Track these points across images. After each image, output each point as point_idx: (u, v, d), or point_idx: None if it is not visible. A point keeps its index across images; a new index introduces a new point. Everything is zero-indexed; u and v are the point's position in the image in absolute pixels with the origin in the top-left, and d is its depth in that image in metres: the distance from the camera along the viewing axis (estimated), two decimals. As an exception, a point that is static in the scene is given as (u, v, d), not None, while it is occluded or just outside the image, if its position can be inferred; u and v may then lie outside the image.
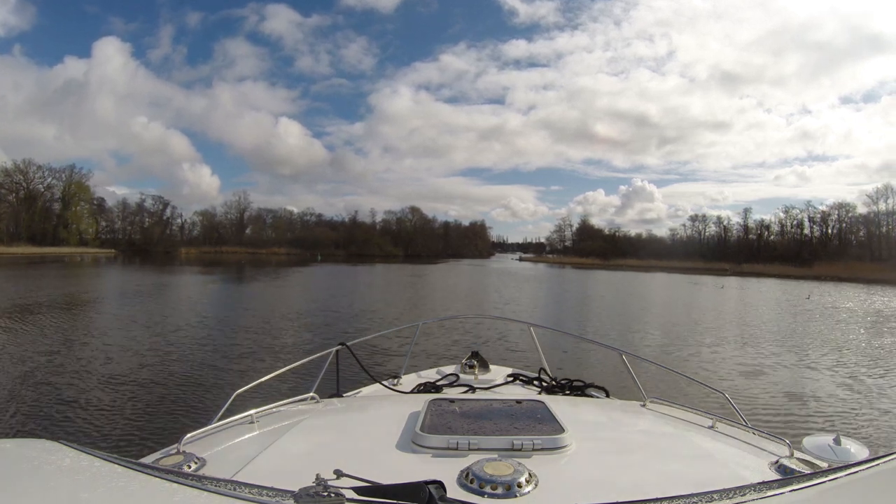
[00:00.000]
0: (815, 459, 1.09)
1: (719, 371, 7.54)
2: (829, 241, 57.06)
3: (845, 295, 24.70)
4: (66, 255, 46.74)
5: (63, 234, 57.85)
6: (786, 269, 47.36)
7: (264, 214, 70.85)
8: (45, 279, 21.14)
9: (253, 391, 1.55)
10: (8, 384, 5.72)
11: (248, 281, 24.98)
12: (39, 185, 58.77)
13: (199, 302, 15.13)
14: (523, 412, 1.24)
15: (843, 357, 8.88)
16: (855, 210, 57.18)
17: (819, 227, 59.47)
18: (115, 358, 7.17)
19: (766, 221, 63.46)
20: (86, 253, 52.42)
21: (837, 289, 28.95)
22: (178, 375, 6.32)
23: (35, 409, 4.96)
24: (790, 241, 60.12)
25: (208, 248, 62.75)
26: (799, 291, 25.71)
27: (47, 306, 12.16)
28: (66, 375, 6.15)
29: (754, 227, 64.06)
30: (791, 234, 61.15)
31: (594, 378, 2.22)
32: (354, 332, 9.42)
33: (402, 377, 2.30)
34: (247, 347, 8.23)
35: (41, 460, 0.85)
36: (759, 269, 49.38)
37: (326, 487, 0.70)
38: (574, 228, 75.93)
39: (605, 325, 12.75)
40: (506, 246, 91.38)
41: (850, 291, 27.20)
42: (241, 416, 1.34)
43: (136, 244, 60.78)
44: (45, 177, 59.05)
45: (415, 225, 75.95)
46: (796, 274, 43.39)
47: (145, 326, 9.97)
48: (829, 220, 58.97)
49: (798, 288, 28.36)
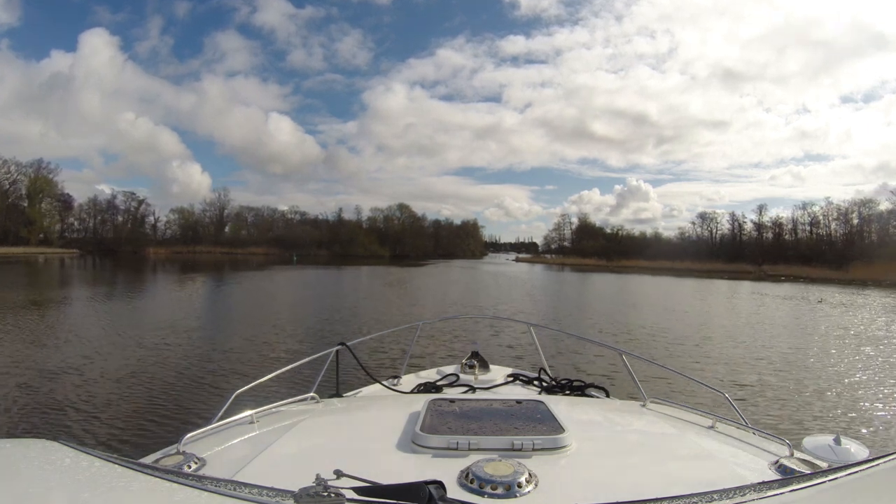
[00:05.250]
0: (815, 459, 1.09)
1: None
2: (854, 239, 51.38)
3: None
4: (18, 256, 41.49)
5: (23, 232, 53.31)
6: (818, 271, 43.11)
7: (246, 213, 67.68)
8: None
9: (253, 391, 1.55)
10: (8, 384, 5.71)
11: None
12: (5, 180, 54.59)
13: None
14: (523, 412, 1.24)
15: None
16: (877, 206, 51.91)
17: (841, 225, 54.23)
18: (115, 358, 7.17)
19: (779, 219, 59.14)
20: (44, 253, 47.97)
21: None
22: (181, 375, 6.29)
23: (35, 409, 4.95)
24: (816, 240, 54.98)
25: (181, 247, 58.88)
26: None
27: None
28: (66, 376, 6.15)
29: (771, 226, 59.50)
30: (812, 233, 56.26)
31: (594, 378, 2.23)
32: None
33: (402, 377, 2.31)
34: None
35: (41, 460, 0.85)
36: (786, 270, 44.83)
37: (326, 487, 0.70)
38: (574, 227, 73.34)
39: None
40: (498, 246, 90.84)
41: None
42: (240, 416, 1.34)
43: (104, 243, 56.87)
44: (11, 172, 55.02)
45: (403, 223, 72.78)
46: (837, 278, 38.60)
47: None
48: (850, 217, 53.82)
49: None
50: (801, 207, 57.95)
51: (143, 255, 52.91)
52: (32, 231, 55.36)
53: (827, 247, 52.40)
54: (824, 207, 56.27)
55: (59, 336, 8.72)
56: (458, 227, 77.78)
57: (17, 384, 5.71)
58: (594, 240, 67.82)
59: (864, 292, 26.43)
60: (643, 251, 60.16)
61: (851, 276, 39.75)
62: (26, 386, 5.66)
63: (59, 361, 6.83)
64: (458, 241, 75.32)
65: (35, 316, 11.09)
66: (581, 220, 73.08)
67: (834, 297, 22.88)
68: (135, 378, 6.11)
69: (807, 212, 57.32)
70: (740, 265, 50.05)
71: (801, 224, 57.73)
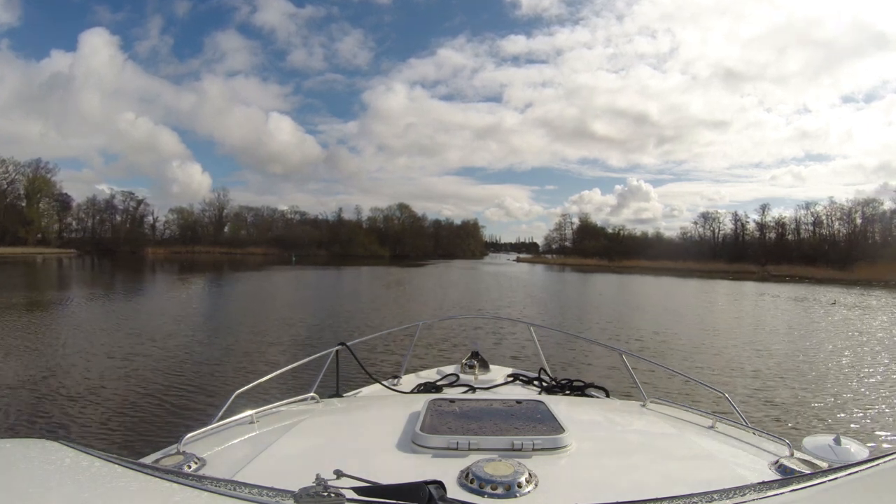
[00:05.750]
0: (815, 459, 1.09)
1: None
2: (858, 239, 50.84)
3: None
4: (16, 256, 41.36)
5: (21, 232, 53.00)
6: (823, 271, 42.53)
7: (245, 213, 67.33)
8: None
9: (253, 391, 1.55)
10: (7, 385, 5.72)
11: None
12: (3, 180, 54.37)
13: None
14: (523, 412, 1.24)
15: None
16: (881, 206, 51.57)
17: (844, 225, 53.70)
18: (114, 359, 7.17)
19: (782, 219, 58.74)
20: (42, 253, 47.66)
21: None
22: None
23: (35, 409, 4.95)
24: (819, 239, 54.33)
25: (180, 247, 58.75)
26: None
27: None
28: (65, 376, 6.15)
29: (774, 226, 59.20)
30: (815, 233, 55.75)
31: (594, 378, 2.22)
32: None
33: (402, 377, 2.31)
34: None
35: (41, 460, 0.85)
36: (790, 271, 44.11)
37: (326, 487, 0.70)
38: (575, 227, 72.81)
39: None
40: (499, 246, 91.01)
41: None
42: (241, 416, 1.34)
43: (102, 244, 56.60)
44: (9, 172, 54.74)
45: (403, 223, 72.50)
46: (841, 278, 38.23)
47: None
48: (853, 217, 53.28)
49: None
50: (805, 207, 57.65)
51: (141, 255, 52.68)
52: (30, 231, 55.19)
53: (830, 247, 51.78)
54: (827, 207, 55.85)
55: (58, 337, 8.72)
56: (459, 227, 77.72)
57: (17, 385, 5.71)
58: (596, 240, 67.60)
59: (873, 293, 25.84)
60: (645, 251, 59.83)
61: (856, 276, 39.30)
62: (26, 386, 5.66)
63: (57, 362, 6.83)
64: (459, 241, 75.09)
65: (32, 317, 11.09)
66: (582, 220, 72.99)
67: (845, 298, 22.19)
68: (134, 378, 6.11)
69: (810, 211, 57.00)
70: (743, 265, 49.64)
71: (805, 224, 57.44)
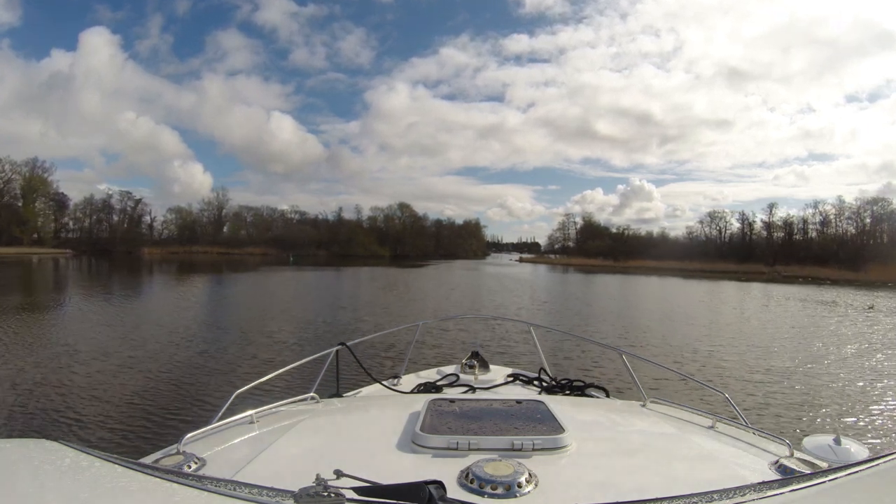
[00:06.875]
0: (815, 459, 1.09)
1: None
2: (868, 239, 50.13)
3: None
4: (11, 256, 40.69)
5: (17, 232, 52.45)
6: (836, 272, 41.11)
7: (245, 212, 66.78)
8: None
9: (253, 391, 1.55)
10: (7, 385, 5.72)
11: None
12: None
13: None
14: (523, 412, 1.24)
15: None
16: (890, 205, 50.67)
17: (852, 225, 52.74)
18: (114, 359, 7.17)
19: (789, 218, 57.61)
20: (37, 253, 47.10)
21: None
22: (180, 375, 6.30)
23: (35, 409, 4.95)
24: (829, 239, 53.10)
25: (177, 247, 58.12)
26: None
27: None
28: (65, 376, 6.14)
29: (781, 225, 58.01)
30: (823, 233, 54.80)
31: (594, 378, 2.22)
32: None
33: (402, 377, 2.31)
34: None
35: (41, 460, 0.85)
36: (801, 271, 43.05)
37: (326, 487, 0.70)
38: (578, 227, 72.11)
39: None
40: (501, 246, 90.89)
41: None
42: (241, 416, 1.34)
43: (98, 244, 55.95)
44: (5, 171, 54.35)
45: (404, 223, 71.71)
46: (856, 279, 37.17)
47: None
48: (862, 216, 52.25)
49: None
50: (813, 206, 56.62)
51: (137, 255, 52.41)
52: (26, 231, 54.81)
53: (838, 247, 50.79)
54: (835, 206, 54.89)
55: (57, 337, 8.72)
56: (460, 227, 77.28)
57: (17, 385, 5.71)
58: (599, 240, 67.05)
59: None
60: (650, 251, 59.02)
61: (870, 277, 38.18)
62: (25, 387, 5.66)
63: (55, 363, 6.83)
64: (460, 241, 74.67)
65: (29, 318, 11.09)
66: (586, 220, 72.44)
67: (878, 301, 20.14)
68: (134, 378, 6.11)
69: (818, 210, 56.03)
70: (752, 266, 48.80)
71: (812, 224, 56.71)
